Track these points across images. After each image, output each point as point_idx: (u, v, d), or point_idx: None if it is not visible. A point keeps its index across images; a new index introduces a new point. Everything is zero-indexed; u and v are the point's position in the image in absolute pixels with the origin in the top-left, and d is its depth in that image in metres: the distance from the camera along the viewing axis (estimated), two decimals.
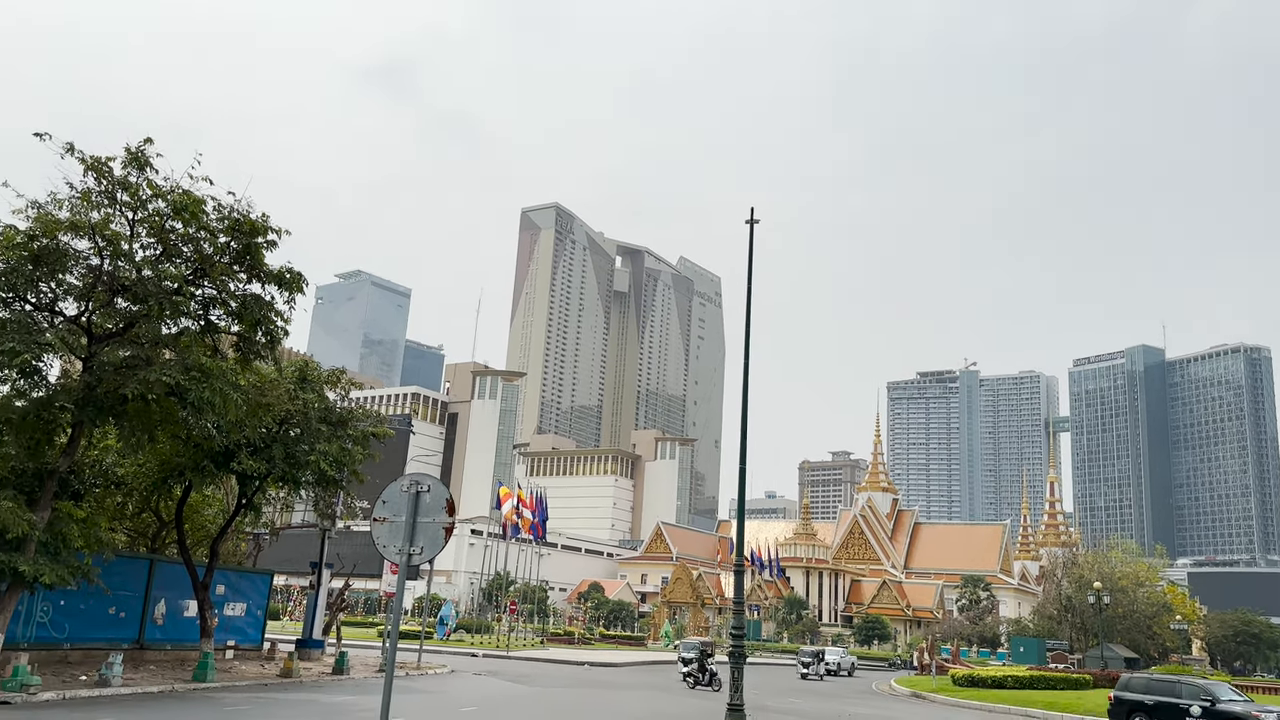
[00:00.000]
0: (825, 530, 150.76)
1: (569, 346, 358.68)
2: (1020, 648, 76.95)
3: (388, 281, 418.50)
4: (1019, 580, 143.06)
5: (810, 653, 57.82)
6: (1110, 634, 74.18)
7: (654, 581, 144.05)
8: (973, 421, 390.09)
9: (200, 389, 23.26)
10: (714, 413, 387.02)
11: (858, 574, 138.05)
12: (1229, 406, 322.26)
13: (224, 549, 34.26)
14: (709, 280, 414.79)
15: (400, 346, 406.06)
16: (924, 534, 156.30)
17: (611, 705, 28.94)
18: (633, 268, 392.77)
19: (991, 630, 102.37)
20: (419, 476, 11.30)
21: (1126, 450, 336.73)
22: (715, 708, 27.41)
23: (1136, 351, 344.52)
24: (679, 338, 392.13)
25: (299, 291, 25.88)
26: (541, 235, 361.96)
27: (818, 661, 56.93)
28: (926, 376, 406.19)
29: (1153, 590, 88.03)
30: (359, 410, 33.27)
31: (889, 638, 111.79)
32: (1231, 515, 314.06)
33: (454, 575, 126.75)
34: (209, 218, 24.46)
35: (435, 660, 44.49)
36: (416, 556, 10.98)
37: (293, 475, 29.57)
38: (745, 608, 25.78)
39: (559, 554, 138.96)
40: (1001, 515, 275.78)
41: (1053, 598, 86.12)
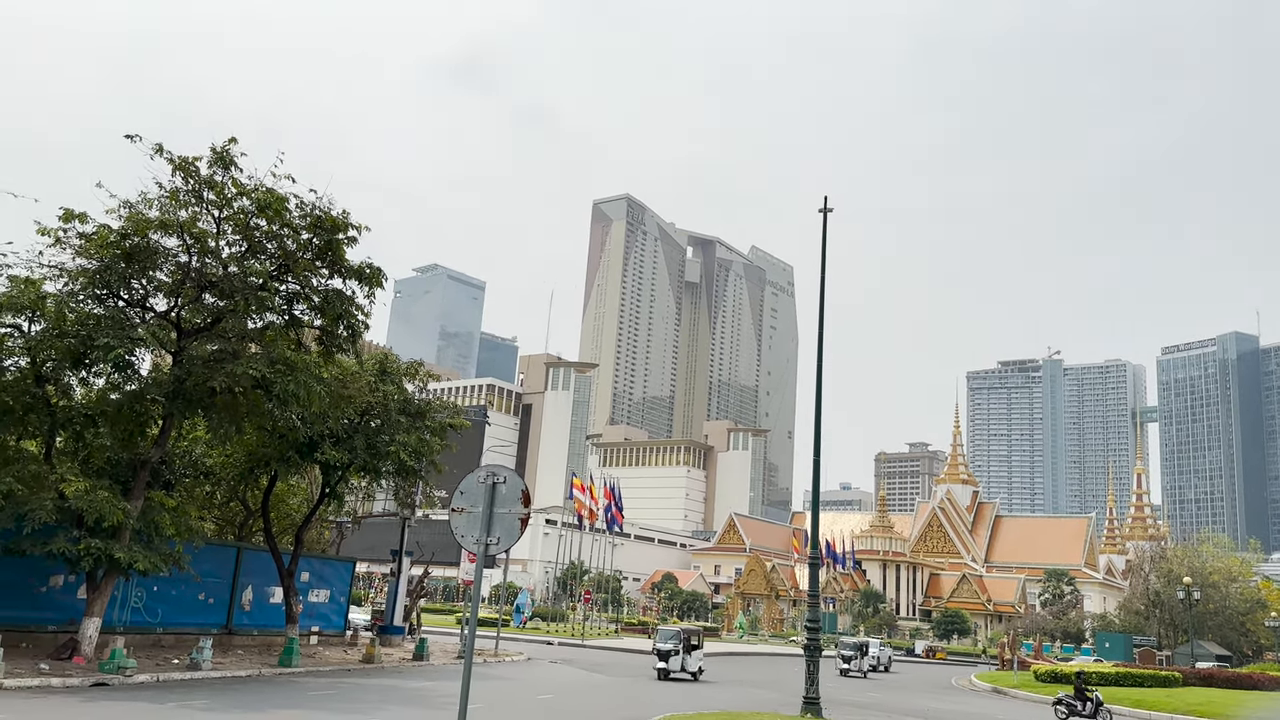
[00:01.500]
0: (902, 523, 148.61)
1: (640, 337, 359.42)
2: (1106, 643, 74.77)
3: (463, 275, 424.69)
4: (1104, 574, 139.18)
5: (852, 645, 50.88)
6: (1200, 630, 71.72)
7: (727, 573, 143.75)
8: (1056, 412, 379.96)
9: (285, 382, 23.93)
10: (787, 403, 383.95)
11: (936, 567, 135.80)
12: None
13: (308, 537, 35.19)
14: (781, 269, 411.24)
15: (475, 339, 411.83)
16: (1005, 527, 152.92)
17: (686, 695, 29.00)
18: (704, 258, 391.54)
19: (1075, 625, 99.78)
20: (495, 468, 11.44)
21: (1218, 441, 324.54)
22: (774, 699, 27.23)
23: (1229, 339, 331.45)
24: (751, 328, 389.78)
25: (379, 286, 26.45)
26: (613, 227, 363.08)
27: (860, 656, 50.34)
28: (1008, 366, 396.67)
29: (1246, 586, 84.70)
30: (436, 402, 33.89)
31: (969, 632, 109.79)
32: None
33: (529, 564, 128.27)
34: (291, 215, 25.11)
35: (512, 648, 45.04)
36: (493, 546, 11.13)
37: (373, 465, 30.26)
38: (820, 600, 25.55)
39: (632, 544, 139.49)
40: (1086, 508, 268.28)
41: (1140, 593, 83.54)
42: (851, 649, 49.88)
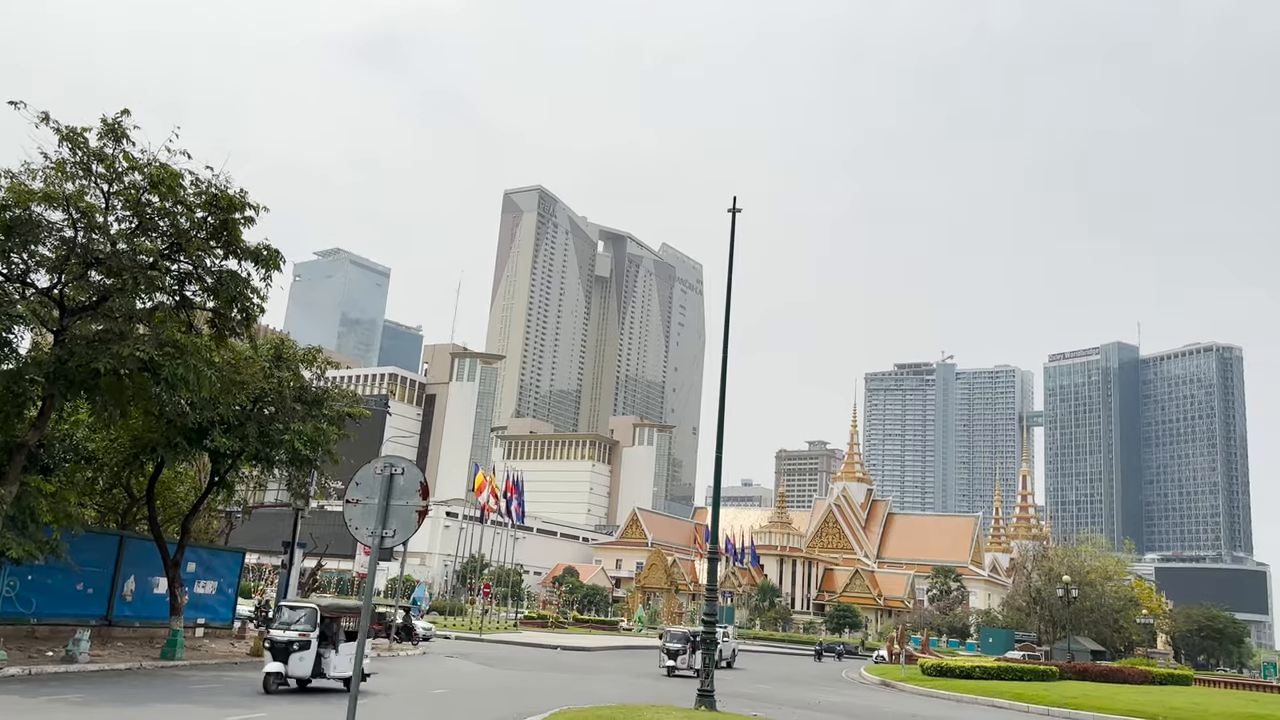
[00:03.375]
0: (800, 519, 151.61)
1: (549, 330, 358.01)
2: (989, 638, 77.80)
3: (366, 260, 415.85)
4: (989, 572, 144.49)
5: (680, 636, 40.34)
6: (1078, 627, 75.10)
7: (629, 567, 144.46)
8: (948, 414, 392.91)
9: (174, 365, 23.07)
10: (693, 400, 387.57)
11: (831, 563, 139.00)
12: (1200, 405, 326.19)
13: (195, 526, 34.04)
14: (691, 267, 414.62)
15: (378, 326, 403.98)
16: (897, 524, 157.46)
17: (582, 689, 29.04)
18: (615, 253, 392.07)
19: (961, 621, 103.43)
20: (393, 459, 11.24)
21: (1099, 446, 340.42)
22: (687, 693, 27.54)
23: (1111, 348, 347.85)
24: (659, 324, 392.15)
25: (276, 269, 25.69)
26: (524, 218, 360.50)
27: (689, 650, 39.50)
28: (904, 368, 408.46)
29: (1120, 584, 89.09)
30: (335, 390, 33.12)
31: (860, 626, 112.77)
32: (1199, 512, 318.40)
33: (428, 557, 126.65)
34: (186, 192, 24.18)
35: (407, 642, 44.47)
36: (389, 539, 10.93)
37: (266, 454, 29.45)
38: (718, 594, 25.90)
39: (534, 538, 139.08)
40: (974, 507, 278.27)
41: (1022, 590, 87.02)
42: (679, 640, 39.92)
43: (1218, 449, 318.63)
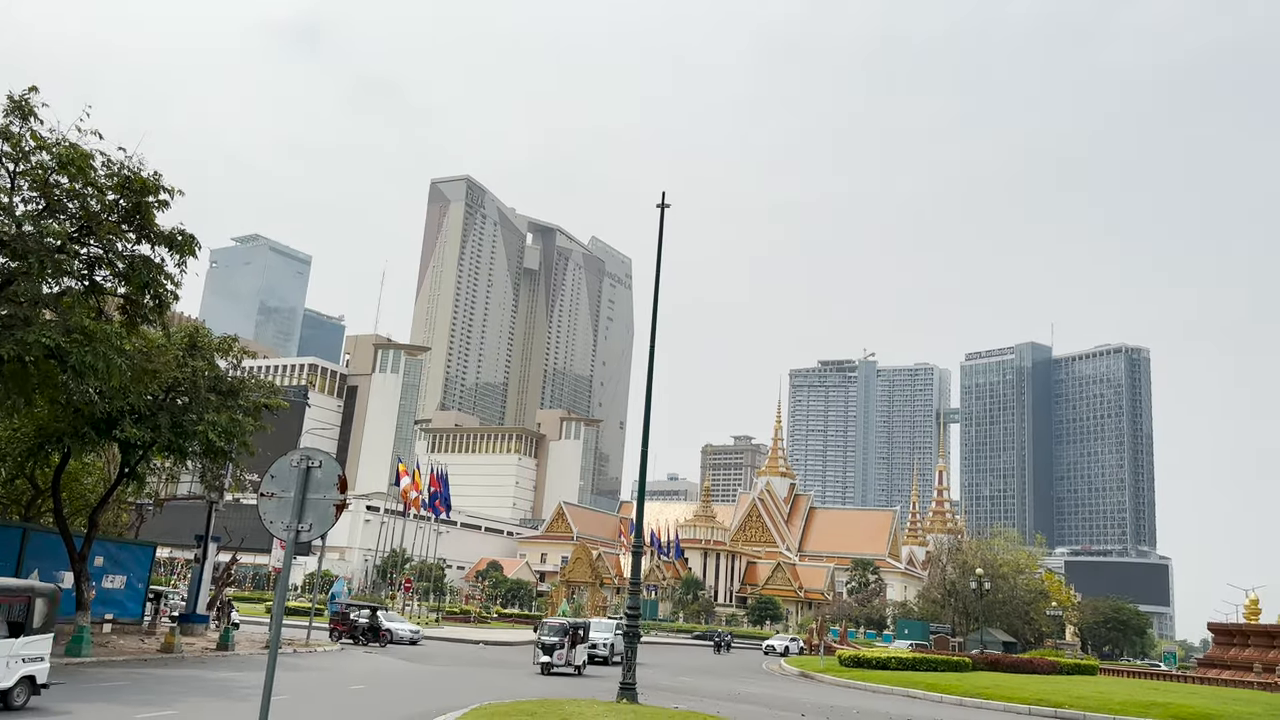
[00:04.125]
0: (725, 513, 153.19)
1: (476, 322, 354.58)
2: (905, 630, 79.52)
3: (287, 247, 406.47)
4: (906, 565, 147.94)
5: (556, 629, 35.03)
6: (990, 619, 77.31)
7: (554, 561, 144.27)
8: (869, 410, 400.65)
9: (82, 352, 22.27)
10: (620, 394, 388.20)
11: (754, 556, 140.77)
12: (1109, 404, 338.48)
13: (104, 519, 32.96)
14: (620, 261, 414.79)
15: (299, 315, 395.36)
16: (818, 518, 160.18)
17: (505, 685, 28.93)
18: (544, 245, 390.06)
19: (879, 612, 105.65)
20: (310, 451, 11.01)
21: (1012, 442, 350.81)
22: (609, 687, 27.60)
23: (1025, 348, 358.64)
24: (588, 318, 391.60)
25: (191, 254, 25.00)
26: (451, 208, 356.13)
27: (569, 645, 34.73)
28: (827, 365, 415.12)
29: (1031, 577, 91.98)
30: (251, 380, 32.37)
31: (781, 618, 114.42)
32: (1107, 507, 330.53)
33: (348, 552, 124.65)
34: (97, 174, 23.37)
35: (325, 637, 43.72)
36: (305, 534, 10.72)
37: (179, 445, 28.65)
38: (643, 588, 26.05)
39: (458, 532, 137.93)
40: (893, 502, 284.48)
41: (937, 582, 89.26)
42: (556, 634, 34.68)
43: (1125, 447, 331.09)
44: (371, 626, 44.31)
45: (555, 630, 34.98)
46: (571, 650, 34.62)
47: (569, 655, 34.40)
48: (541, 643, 34.62)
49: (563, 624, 35.61)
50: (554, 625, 35.57)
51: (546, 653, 34.06)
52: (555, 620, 37.60)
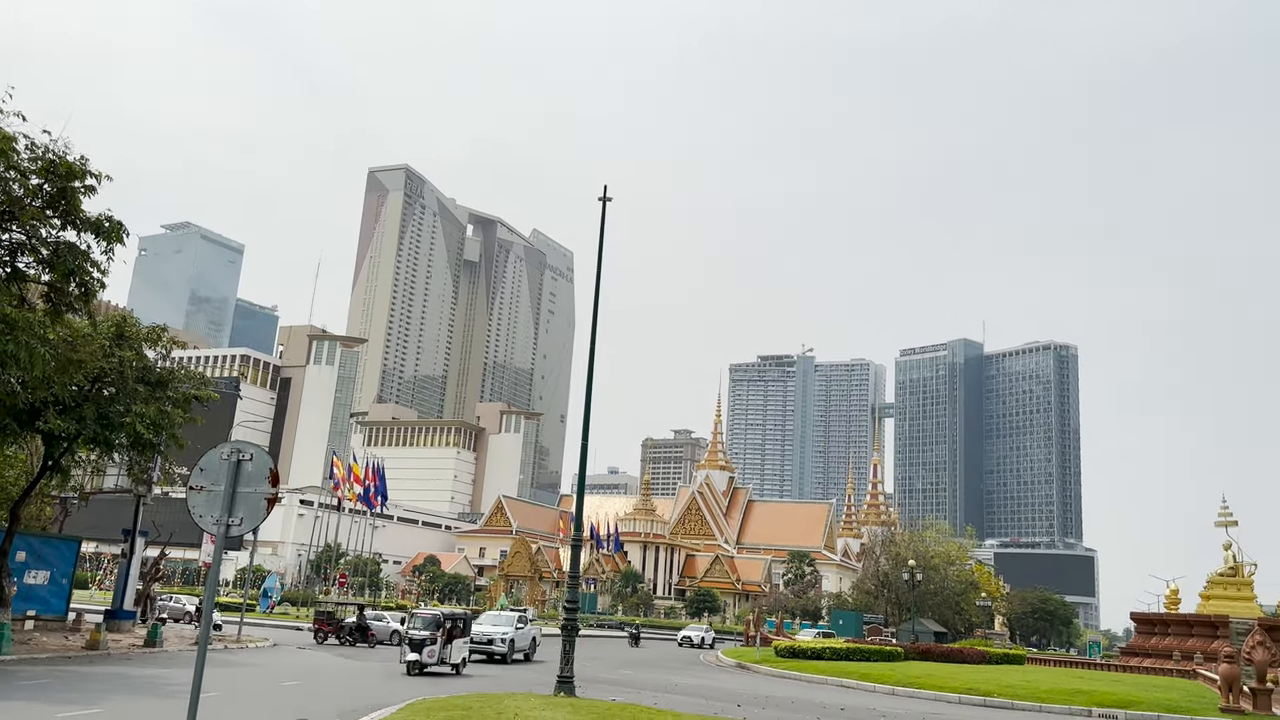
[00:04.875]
0: (664, 506, 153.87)
1: (414, 314, 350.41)
2: (840, 620, 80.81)
3: (219, 235, 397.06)
4: (841, 557, 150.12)
5: (428, 620, 30.69)
6: (922, 609, 78.94)
7: (492, 555, 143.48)
8: (806, 405, 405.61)
9: (3, 341, 21.56)
10: (561, 387, 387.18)
11: (693, 549, 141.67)
12: (1038, 399, 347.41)
13: (26, 513, 31.94)
14: (562, 254, 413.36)
15: (231, 305, 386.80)
16: (757, 511, 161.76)
17: (439, 681, 28.74)
18: (484, 237, 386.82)
19: (814, 604, 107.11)
20: (240, 444, 10.80)
21: (945, 437, 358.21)
22: (546, 679, 27.57)
23: (958, 345, 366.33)
24: (529, 311, 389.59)
25: (119, 241, 24.31)
26: (389, 197, 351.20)
27: (441, 639, 29.84)
28: (767, 360, 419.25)
29: (962, 569, 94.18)
30: (181, 371, 31.66)
31: (719, 610, 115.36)
32: (1035, 500, 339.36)
33: (281, 546, 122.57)
34: (20, 157, 22.60)
35: (257, 633, 42.98)
36: (235, 528, 10.52)
37: (105, 437, 27.92)
38: (582, 581, 26.07)
39: (395, 526, 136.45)
40: (829, 495, 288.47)
41: (871, 574, 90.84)
42: (428, 626, 30.25)
43: (1053, 441, 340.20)
44: (359, 626, 42.77)
45: (426, 622, 30.69)
46: (447, 646, 30.10)
47: (444, 652, 29.93)
48: (409, 637, 30.14)
49: (436, 615, 31.22)
50: (425, 616, 31.44)
51: (414, 649, 29.58)
52: (427, 610, 33.41)
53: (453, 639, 30.49)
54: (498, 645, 36.97)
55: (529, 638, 40.43)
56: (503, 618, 40.20)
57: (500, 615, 41.24)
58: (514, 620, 39.52)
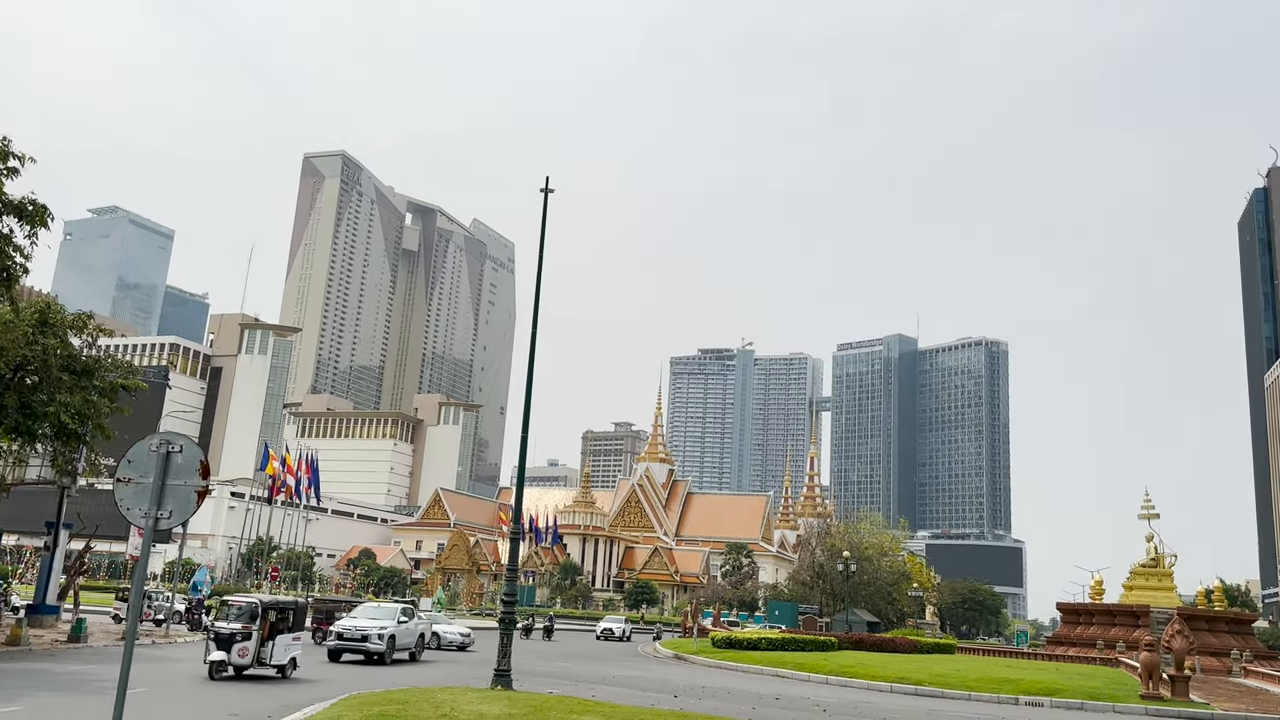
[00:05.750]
0: (604, 499, 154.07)
1: (350, 303, 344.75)
2: (775, 611, 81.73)
3: (148, 220, 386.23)
4: (778, 548, 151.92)
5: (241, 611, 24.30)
6: (855, 599, 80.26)
7: (430, 548, 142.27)
8: (746, 398, 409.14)
9: None
10: (501, 379, 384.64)
11: (632, 541, 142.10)
12: (969, 394, 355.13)
13: None
14: (503, 245, 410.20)
15: (160, 292, 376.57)
16: (696, 503, 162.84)
17: (376, 674, 28.45)
18: (423, 226, 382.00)
19: (751, 595, 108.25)
20: (170, 435, 10.54)
21: (880, 430, 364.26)
22: (483, 674, 27.43)
23: (893, 340, 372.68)
24: (469, 301, 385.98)
25: (42, 225, 23.59)
26: (325, 184, 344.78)
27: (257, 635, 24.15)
28: (707, 353, 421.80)
29: (894, 560, 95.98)
30: (108, 359, 30.79)
31: (657, 602, 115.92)
32: (966, 493, 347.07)
33: (211, 539, 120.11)
34: None
35: (185, 628, 41.99)
36: (164, 521, 10.27)
37: (28, 427, 27.05)
38: (520, 574, 25.97)
39: (329, 519, 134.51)
40: (767, 487, 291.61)
41: (807, 565, 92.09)
42: (241, 617, 24.21)
43: (984, 435, 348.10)
44: None
45: (240, 612, 24.08)
46: (268, 643, 24.08)
47: (262, 650, 23.95)
48: (214, 631, 23.94)
49: (253, 603, 24.27)
50: (239, 605, 24.39)
51: (221, 646, 23.44)
52: (241, 598, 25.40)
53: (277, 634, 24.39)
54: (373, 643, 31.34)
55: (415, 634, 34.88)
56: (383, 610, 34.71)
57: (380, 607, 35.61)
58: (396, 613, 34.08)
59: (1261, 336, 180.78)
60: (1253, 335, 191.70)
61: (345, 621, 32.65)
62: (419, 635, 35.39)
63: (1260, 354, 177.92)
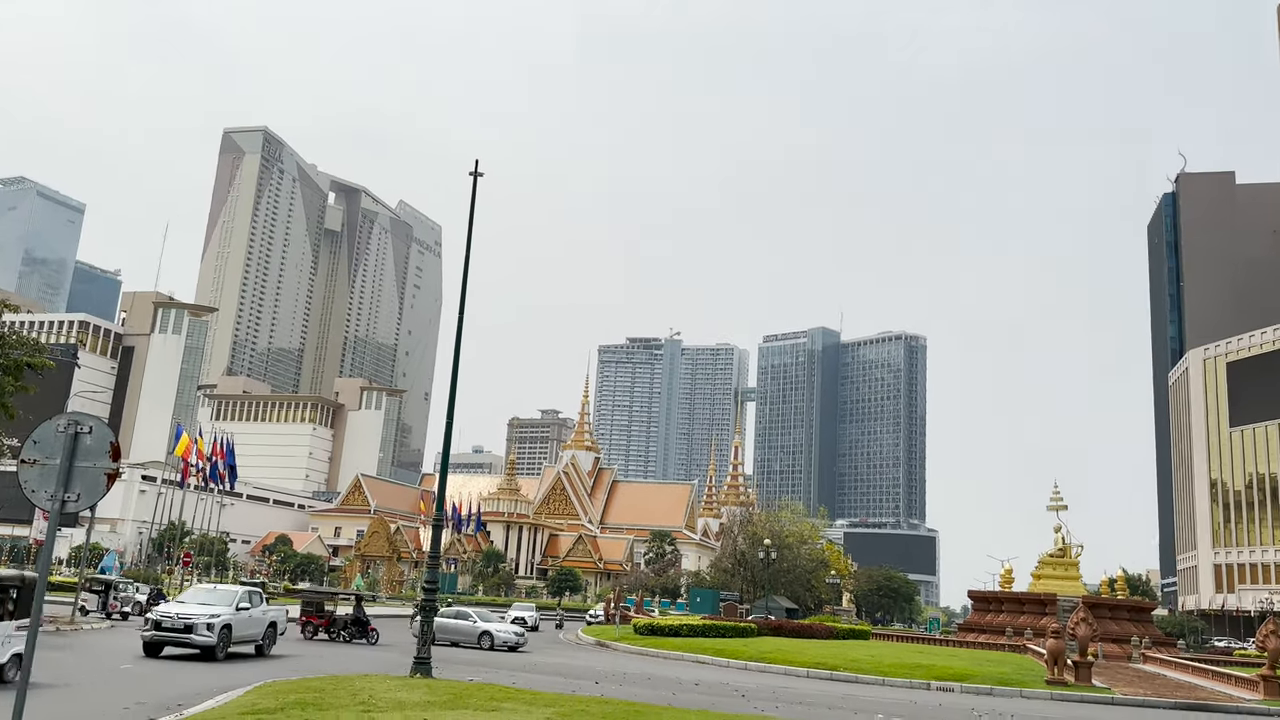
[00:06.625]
0: (529, 486, 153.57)
1: (270, 284, 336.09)
2: (697, 598, 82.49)
3: (57, 193, 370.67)
4: (701, 536, 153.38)
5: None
6: (775, 586, 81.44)
7: (349, 535, 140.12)
8: (673, 387, 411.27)
9: None
10: (426, 364, 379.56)
11: (556, 528, 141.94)
12: (888, 387, 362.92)
13: None
14: (430, 228, 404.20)
15: (69, 268, 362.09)
16: (621, 491, 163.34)
17: (293, 662, 27.90)
18: (347, 206, 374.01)
19: (673, 582, 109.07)
20: (78, 415, 10.16)
21: (802, 421, 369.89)
22: (404, 661, 27.13)
23: (817, 333, 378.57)
24: (394, 284, 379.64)
25: None
26: (245, 160, 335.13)
27: None
28: (635, 342, 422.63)
29: (814, 548, 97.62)
30: (13, 336, 29.54)
31: (580, 589, 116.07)
32: (883, 483, 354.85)
33: (120, 524, 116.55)
34: None
35: (99, 616, 40.64)
36: (72, 504, 9.89)
37: None
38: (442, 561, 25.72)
39: (244, 504, 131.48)
40: (692, 476, 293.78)
41: (729, 552, 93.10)
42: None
43: (901, 427, 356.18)
44: (356, 619, 38.33)
45: None
46: None
47: None
48: None
49: None
50: None
51: None
52: None
53: None
54: (200, 634, 25.90)
55: (263, 624, 29.01)
56: (219, 594, 28.95)
57: (217, 590, 30.02)
58: (234, 597, 28.07)
59: (1167, 336, 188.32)
60: (1159, 335, 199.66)
61: (166, 607, 27.67)
62: (269, 624, 29.43)
63: (1165, 353, 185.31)
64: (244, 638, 27.83)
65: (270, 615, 29.62)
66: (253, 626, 28.33)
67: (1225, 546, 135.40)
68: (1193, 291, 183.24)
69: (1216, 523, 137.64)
